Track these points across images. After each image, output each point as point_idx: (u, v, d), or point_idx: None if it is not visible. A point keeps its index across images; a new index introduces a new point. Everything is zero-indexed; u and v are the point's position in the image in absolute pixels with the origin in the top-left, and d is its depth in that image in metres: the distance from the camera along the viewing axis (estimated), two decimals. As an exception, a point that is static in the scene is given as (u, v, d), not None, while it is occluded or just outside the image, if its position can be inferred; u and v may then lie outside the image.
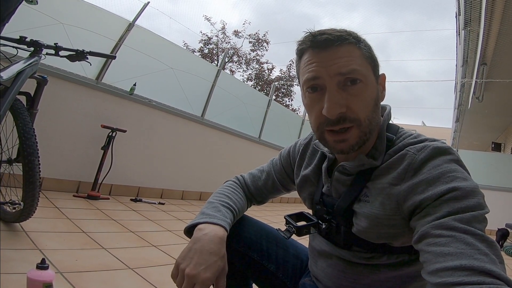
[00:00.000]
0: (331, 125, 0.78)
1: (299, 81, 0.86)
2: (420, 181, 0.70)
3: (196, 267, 0.77)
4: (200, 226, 0.87)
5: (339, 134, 0.78)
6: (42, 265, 1.21)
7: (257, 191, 1.15)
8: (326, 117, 0.77)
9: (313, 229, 0.93)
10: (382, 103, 0.88)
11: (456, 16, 7.14)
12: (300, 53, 0.83)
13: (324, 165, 0.93)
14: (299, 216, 0.97)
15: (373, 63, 0.82)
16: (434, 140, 0.77)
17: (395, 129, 0.87)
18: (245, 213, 1.13)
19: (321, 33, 0.78)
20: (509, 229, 5.74)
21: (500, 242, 5.38)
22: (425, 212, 0.67)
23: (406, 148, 0.77)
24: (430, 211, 0.66)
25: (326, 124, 0.78)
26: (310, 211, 1.00)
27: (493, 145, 11.41)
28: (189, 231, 0.89)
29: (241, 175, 1.20)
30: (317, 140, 0.97)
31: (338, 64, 0.76)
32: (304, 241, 1.08)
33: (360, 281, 0.86)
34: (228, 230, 0.90)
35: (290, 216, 0.95)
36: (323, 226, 0.90)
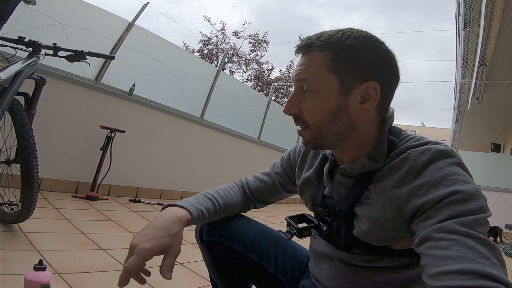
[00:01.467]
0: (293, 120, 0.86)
1: None
2: (421, 184, 0.70)
3: (140, 238, 0.78)
4: (167, 208, 0.89)
5: (300, 129, 0.86)
6: (39, 266, 1.20)
7: (257, 191, 1.15)
8: None
9: (314, 231, 0.92)
10: None
11: (456, 17, 7.15)
12: None
13: (326, 167, 0.93)
14: (301, 217, 0.97)
15: (344, 71, 0.77)
16: (437, 143, 0.77)
17: (398, 131, 0.86)
18: (245, 214, 1.13)
19: (301, 39, 0.84)
20: (509, 230, 5.76)
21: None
22: (427, 215, 0.66)
23: (408, 151, 0.77)
24: (432, 214, 0.65)
25: None
26: (312, 213, 1.00)
27: (492, 146, 11.41)
28: None
29: (244, 178, 1.21)
30: None
31: (297, 71, 0.82)
32: (304, 242, 1.07)
33: (360, 283, 0.86)
34: (195, 215, 0.90)
35: (291, 217, 0.95)
36: (324, 228, 0.89)
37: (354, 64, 0.77)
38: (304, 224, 0.93)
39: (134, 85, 3.94)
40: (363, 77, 0.78)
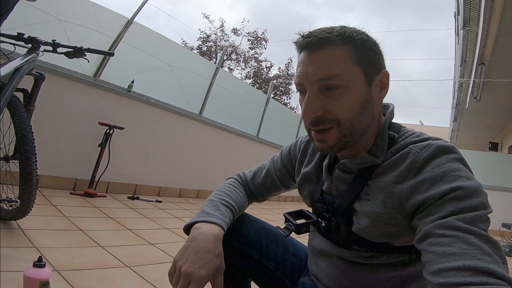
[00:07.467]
0: (312, 125, 0.80)
1: None
2: (423, 180, 0.70)
3: (192, 266, 0.77)
4: (197, 225, 0.87)
5: (319, 133, 0.80)
6: (39, 263, 1.20)
7: (257, 188, 1.15)
8: None
9: (313, 227, 0.92)
10: (385, 101, 0.88)
11: (455, 16, 7.16)
12: (298, 53, 0.84)
13: (325, 162, 0.93)
14: (299, 214, 0.96)
15: (366, 63, 0.79)
16: (437, 139, 0.76)
17: (398, 127, 0.86)
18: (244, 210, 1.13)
19: (308, 35, 0.79)
20: (506, 229, 5.79)
21: None
22: (428, 211, 0.66)
23: (409, 147, 0.77)
24: (433, 210, 0.65)
25: (309, 124, 0.81)
26: (310, 209, 1.00)
27: (490, 145, 11.42)
28: (188, 229, 0.89)
29: (242, 172, 1.20)
30: None
31: (318, 70, 0.77)
32: (303, 239, 1.08)
33: (360, 280, 0.85)
34: (226, 229, 0.90)
35: (289, 213, 0.94)
36: (323, 225, 0.89)
37: (372, 56, 0.80)
38: (303, 220, 0.92)
39: (133, 82, 3.93)
40: (379, 67, 0.82)
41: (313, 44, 0.77)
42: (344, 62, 0.77)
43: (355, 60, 0.78)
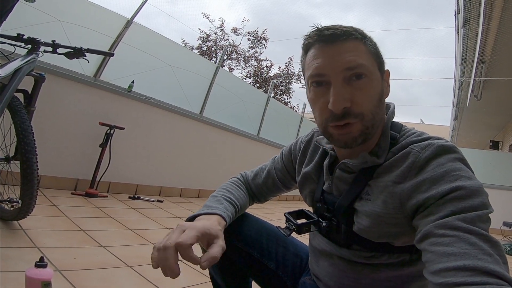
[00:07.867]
0: (336, 120, 0.77)
1: (304, 76, 0.86)
2: (424, 180, 0.70)
3: (186, 223, 0.74)
4: (200, 217, 0.85)
5: (342, 128, 0.78)
6: (40, 264, 1.20)
7: (258, 189, 1.15)
8: (331, 111, 0.77)
9: (313, 227, 0.92)
10: (386, 100, 0.88)
11: (455, 15, 7.15)
12: (306, 47, 0.84)
13: (326, 162, 0.93)
14: (300, 213, 0.96)
15: (379, 59, 0.82)
16: (438, 138, 0.76)
17: (399, 127, 0.86)
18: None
19: (328, 28, 0.79)
20: (507, 227, 5.79)
21: None
22: (429, 211, 0.66)
23: (410, 146, 0.77)
24: (434, 210, 0.65)
25: (331, 120, 0.78)
26: (311, 209, 1.00)
27: (491, 143, 11.42)
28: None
29: (244, 172, 1.21)
30: (319, 137, 0.98)
31: (344, 59, 0.76)
32: (304, 239, 1.08)
33: (360, 280, 0.85)
34: (227, 221, 0.88)
35: (290, 213, 0.94)
36: (324, 224, 0.89)
37: (380, 54, 0.84)
38: (303, 220, 0.92)
39: (133, 82, 3.93)
40: (383, 66, 0.85)
41: (337, 35, 0.77)
42: (365, 53, 0.79)
43: (373, 54, 0.80)
